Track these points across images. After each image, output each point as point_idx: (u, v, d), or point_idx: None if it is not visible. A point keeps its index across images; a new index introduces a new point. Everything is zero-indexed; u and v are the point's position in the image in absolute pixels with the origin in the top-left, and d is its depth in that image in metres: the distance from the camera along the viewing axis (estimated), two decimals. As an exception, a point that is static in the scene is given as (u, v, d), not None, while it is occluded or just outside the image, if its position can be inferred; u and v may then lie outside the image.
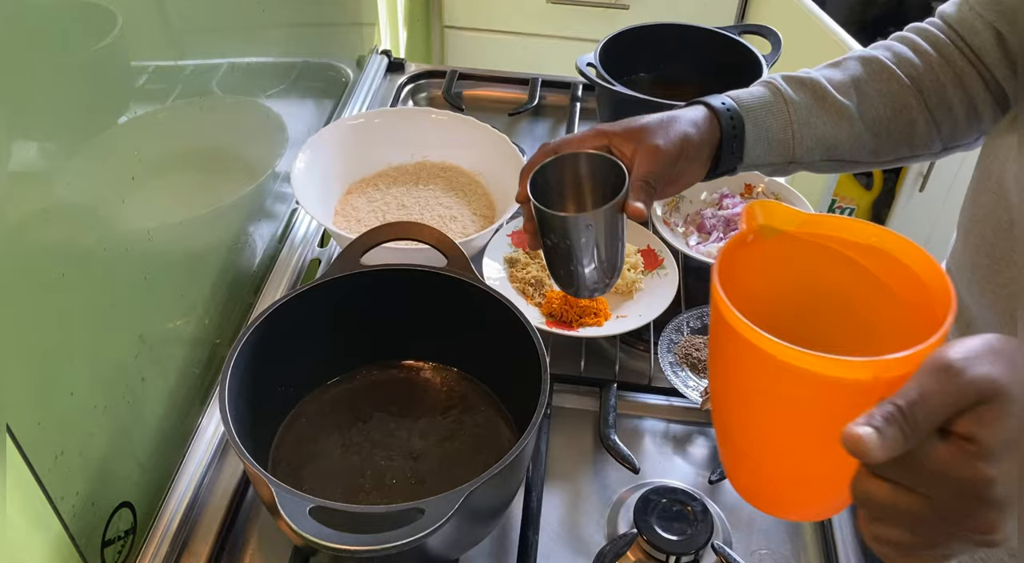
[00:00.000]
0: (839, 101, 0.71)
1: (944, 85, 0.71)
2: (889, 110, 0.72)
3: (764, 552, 0.74)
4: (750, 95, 0.71)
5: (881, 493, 0.39)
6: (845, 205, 2.23)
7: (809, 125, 0.70)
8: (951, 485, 0.37)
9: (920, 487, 0.38)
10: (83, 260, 0.60)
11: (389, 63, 1.37)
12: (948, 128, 0.73)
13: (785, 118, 0.70)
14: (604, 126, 0.67)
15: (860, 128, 0.71)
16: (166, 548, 0.70)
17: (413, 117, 1.10)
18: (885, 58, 0.73)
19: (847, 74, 0.72)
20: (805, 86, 0.71)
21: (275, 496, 0.56)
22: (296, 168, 0.96)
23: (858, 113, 0.71)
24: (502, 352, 0.74)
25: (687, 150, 0.66)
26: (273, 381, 0.74)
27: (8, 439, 0.52)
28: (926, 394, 0.37)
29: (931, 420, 0.37)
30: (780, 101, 0.70)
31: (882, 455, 0.37)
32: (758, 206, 0.52)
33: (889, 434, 0.37)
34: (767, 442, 0.49)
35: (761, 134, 0.70)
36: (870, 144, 0.72)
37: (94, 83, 0.61)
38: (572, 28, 1.90)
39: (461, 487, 0.57)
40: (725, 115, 0.68)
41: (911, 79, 0.72)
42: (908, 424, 0.37)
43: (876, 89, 0.72)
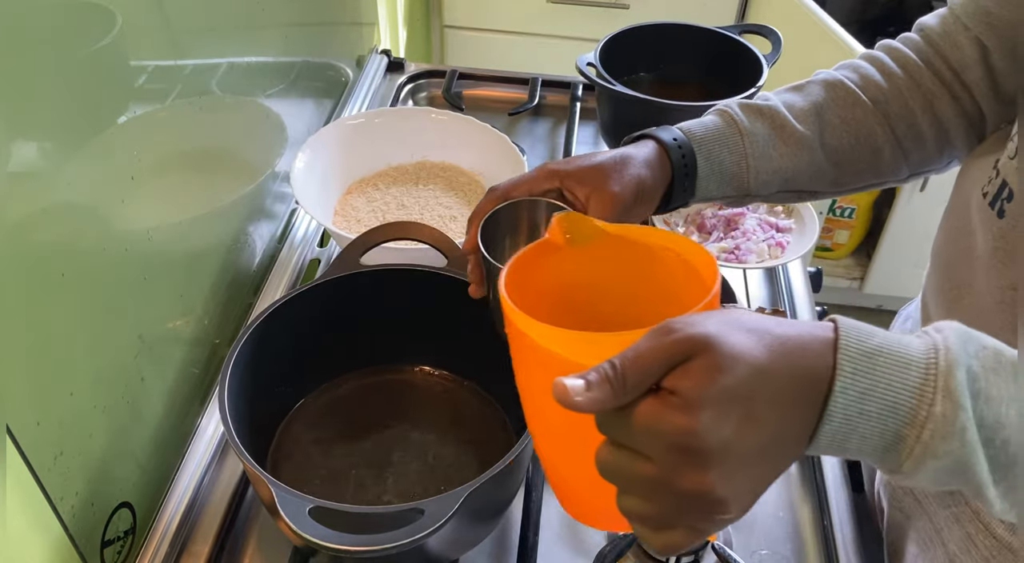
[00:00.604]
0: (798, 131, 0.67)
1: (913, 110, 0.68)
2: (852, 139, 0.68)
3: (764, 553, 0.74)
4: (703, 127, 0.67)
5: (610, 459, 0.39)
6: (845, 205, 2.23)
7: (766, 157, 0.67)
8: (659, 440, 0.37)
9: (638, 447, 0.38)
10: (83, 260, 0.60)
11: (389, 63, 1.37)
12: (917, 155, 0.70)
13: (740, 151, 0.66)
14: (555, 166, 0.64)
15: (820, 158, 0.68)
16: (165, 548, 0.70)
17: (413, 117, 1.10)
18: (850, 82, 0.69)
19: (809, 100, 0.68)
20: (763, 115, 0.67)
21: (275, 496, 0.56)
22: (296, 168, 0.96)
23: (819, 142, 0.68)
24: (502, 352, 0.73)
25: (642, 195, 0.63)
26: (273, 381, 0.74)
27: (8, 439, 0.52)
28: (640, 352, 0.38)
29: (640, 376, 0.37)
30: (735, 132, 0.67)
31: (584, 405, 0.37)
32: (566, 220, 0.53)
33: (596, 386, 0.37)
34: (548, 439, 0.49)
35: (714, 168, 0.66)
36: (831, 174, 0.69)
37: (93, 83, 0.61)
38: (572, 28, 1.90)
39: (461, 487, 0.57)
40: (676, 152, 0.65)
41: (877, 104, 0.68)
42: (617, 379, 0.37)
43: (839, 116, 0.68)
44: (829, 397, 0.38)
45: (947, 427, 0.37)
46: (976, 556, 0.62)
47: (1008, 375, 0.39)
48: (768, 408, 0.38)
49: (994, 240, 0.57)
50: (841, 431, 0.38)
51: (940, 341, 0.39)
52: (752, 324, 0.39)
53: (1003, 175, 0.57)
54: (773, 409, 0.38)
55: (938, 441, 0.37)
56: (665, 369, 0.37)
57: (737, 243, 0.98)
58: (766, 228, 1.01)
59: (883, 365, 0.38)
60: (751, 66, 1.10)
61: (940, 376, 0.38)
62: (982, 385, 0.38)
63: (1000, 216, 0.57)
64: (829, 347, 0.38)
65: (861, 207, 2.23)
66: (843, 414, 0.38)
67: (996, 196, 0.57)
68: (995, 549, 0.60)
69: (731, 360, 0.37)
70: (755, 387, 0.37)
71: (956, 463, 0.38)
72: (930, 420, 0.37)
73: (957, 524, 0.63)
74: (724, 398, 0.37)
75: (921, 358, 0.38)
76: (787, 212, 1.04)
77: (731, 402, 0.37)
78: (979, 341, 0.40)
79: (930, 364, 0.38)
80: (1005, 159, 0.57)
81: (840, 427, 0.38)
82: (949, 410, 0.37)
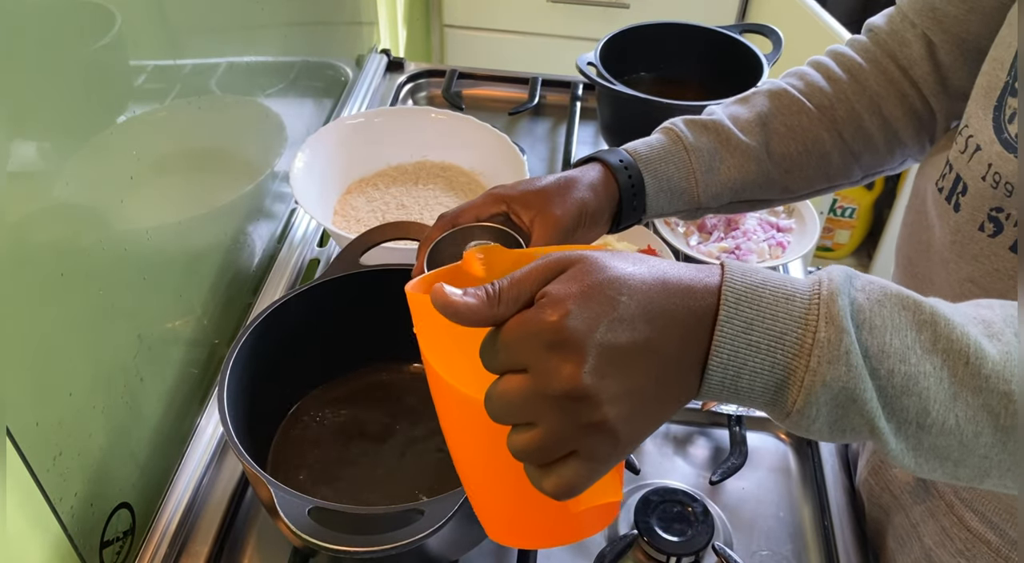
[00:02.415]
0: (744, 142, 0.67)
1: (860, 113, 0.69)
2: (800, 146, 0.69)
3: (765, 553, 0.74)
4: (648, 147, 0.67)
5: (492, 391, 0.39)
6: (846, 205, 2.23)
7: (713, 171, 0.67)
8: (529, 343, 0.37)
9: (512, 362, 0.38)
10: (82, 260, 0.60)
11: (389, 62, 1.37)
12: (868, 157, 0.71)
13: (687, 167, 0.67)
14: (501, 190, 0.65)
15: (768, 167, 0.69)
16: (165, 549, 0.70)
17: (413, 117, 1.10)
18: (795, 90, 0.70)
19: (753, 111, 0.69)
20: (708, 130, 0.68)
21: (274, 497, 0.56)
22: (295, 168, 0.95)
23: (766, 152, 0.68)
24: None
25: (584, 218, 0.64)
26: (272, 381, 0.74)
27: (7, 440, 0.52)
28: (521, 274, 0.39)
29: (516, 291, 0.39)
30: (680, 149, 0.67)
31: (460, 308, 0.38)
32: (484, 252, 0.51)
33: (472, 296, 0.38)
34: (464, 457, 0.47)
35: (662, 185, 0.67)
36: (781, 181, 0.70)
37: (93, 82, 0.61)
38: (572, 27, 1.90)
39: (461, 488, 0.57)
40: (623, 173, 0.66)
41: (823, 110, 0.69)
42: (495, 292, 0.38)
43: (785, 124, 0.68)
44: (714, 329, 0.38)
45: (832, 351, 0.37)
46: (951, 549, 0.62)
47: (894, 307, 0.39)
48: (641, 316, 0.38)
49: (951, 234, 0.58)
50: (732, 365, 0.38)
51: (824, 276, 0.40)
52: (643, 259, 0.40)
53: (956, 169, 0.58)
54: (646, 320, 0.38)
55: (825, 366, 0.37)
56: (540, 285, 0.39)
57: (738, 243, 0.98)
58: (767, 228, 1.01)
59: (768, 297, 0.39)
60: (751, 66, 1.10)
61: (823, 304, 0.38)
62: (866, 315, 0.38)
63: (956, 210, 0.58)
64: (715, 284, 0.39)
65: (862, 207, 2.23)
66: (730, 345, 0.38)
67: (952, 190, 0.58)
68: (969, 542, 0.61)
69: (602, 268, 0.38)
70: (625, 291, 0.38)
71: (845, 392, 0.38)
72: (816, 347, 0.37)
73: (932, 518, 0.64)
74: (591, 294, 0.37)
75: (804, 290, 0.39)
76: (788, 212, 1.04)
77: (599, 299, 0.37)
78: (866, 277, 0.40)
79: (813, 294, 0.39)
80: (956, 153, 0.58)
81: (729, 360, 0.38)
82: (833, 335, 0.37)
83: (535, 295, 0.39)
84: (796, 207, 1.03)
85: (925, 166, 0.66)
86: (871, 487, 0.73)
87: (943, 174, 0.60)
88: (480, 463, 0.46)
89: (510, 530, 0.48)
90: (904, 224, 0.68)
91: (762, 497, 0.79)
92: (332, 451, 0.75)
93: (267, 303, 0.72)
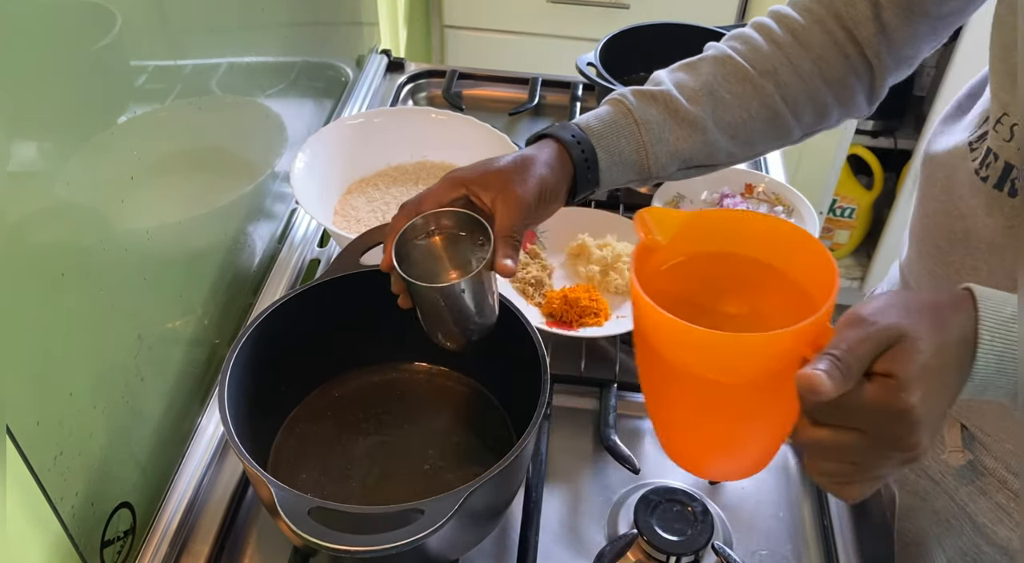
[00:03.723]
0: (691, 112, 0.68)
1: (802, 75, 0.69)
2: (745, 113, 0.69)
3: (764, 553, 0.74)
4: (599, 121, 0.68)
5: (823, 436, 0.46)
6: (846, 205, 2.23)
7: (662, 142, 0.68)
8: (881, 417, 0.45)
9: (857, 424, 0.45)
10: (83, 260, 0.60)
11: (389, 63, 1.37)
12: (809, 117, 0.72)
13: (637, 140, 0.68)
14: (459, 173, 0.66)
15: (716, 135, 0.69)
16: (165, 548, 0.70)
17: (413, 117, 1.10)
18: (738, 55, 0.70)
19: (700, 80, 0.69)
20: (656, 101, 0.68)
21: (274, 497, 0.56)
22: (295, 168, 0.95)
23: (713, 121, 0.69)
24: (502, 352, 0.73)
25: (545, 194, 0.65)
26: (273, 381, 0.74)
27: (8, 440, 0.52)
28: (852, 343, 0.45)
29: (861, 363, 0.44)
30: (631, 122, 0.68)
31: (832, 391, 0.43)
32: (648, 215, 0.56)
33: (834, 375, 0.43)
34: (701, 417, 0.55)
35: (615, 159, 0.68)
36: (727, 147, 0.71)
37: (93, 83, 0.61)
38: (572, 28, 1.90)
39: (461, 488, 0.57)
40: (576, 148, 0.67)
41: (766, 75, 0.69)
42: (844, 367, 0.44)
43: (731, 92, 0.69)
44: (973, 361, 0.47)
45: None
46: (1010, 523, 0.64)
47: None
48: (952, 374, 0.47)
49: (1006, 219, 0.60)
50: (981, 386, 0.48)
51: None
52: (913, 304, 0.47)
53: (1004, 157, 0.59)
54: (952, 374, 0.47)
55: None
56: (873, 356, 0.45)
57: (737, 243, 0.98)
58: (766, 228, 1.01)
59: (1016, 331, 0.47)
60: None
61: None
62: None
63: (1012, 195, 0.59)
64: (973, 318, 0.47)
65: (861, 207, 2.23)
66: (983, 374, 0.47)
67: (1002, 178, 0.59)
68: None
69: (924, 343, 0.45)
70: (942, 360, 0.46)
71: None
72: None
73: (983, 496, 0.65)
74: (928, 374, 0.45)
75: None
76: (788, 212, 1.04)
77: (932, 376, 0.45)
78: None
79: None
80: (1000, 142, 0.59)
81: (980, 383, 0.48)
82: None
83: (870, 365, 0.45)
84: (796, 207, 1.03)
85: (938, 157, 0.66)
86: (905, 476, 0.74)
87: (985, 163, 0.60)
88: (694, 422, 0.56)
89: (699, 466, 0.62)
90: (925, 215, 0.69)
91: (762, 497, 0.79)
92: (332, 450, 0.75)
93: (267, 303, 0.73)
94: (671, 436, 0.60)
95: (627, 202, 1.09)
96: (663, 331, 0.50)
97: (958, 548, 0.69)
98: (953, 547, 0.69)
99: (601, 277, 0.94)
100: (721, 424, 0.54)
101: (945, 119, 0.70)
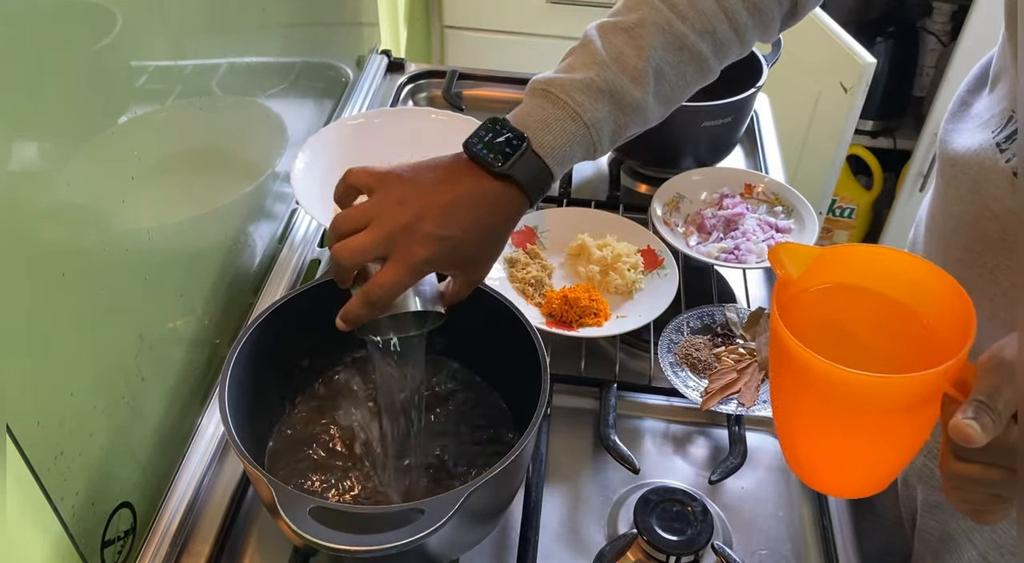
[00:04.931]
0: (635, 98, 0.65)
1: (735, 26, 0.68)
2: (681, 80, 0.68)
3: (764, 552, 0.74)
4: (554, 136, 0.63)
5: (972, 472, 0.48)
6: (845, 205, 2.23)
7: (608, 133, 0.66)
8: None
9: (1003, 462, 0.47)
10: (83, 260, 0.60)
11: (389, 63, 1.37)
12: (733, 53, 0.71)
13: (588, 142, 0.65)
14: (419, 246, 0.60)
15: (654, 109, 0.68)
16: (166, 548, 0.70)
17: (413, 117, 1.10)
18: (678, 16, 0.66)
19: (643, 55, 0.65)
20: (603, 95, 0.64)
21: (275, 496, 0.56)
22: (296, 168, 0.96)
23: (653, 98, 0.67)
24: (502, 352, 0.73)
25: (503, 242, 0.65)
26: (273, 381, 0.74)
27: (8, 439, 0.52)
28: (1000, 389, 0.46)
29: (1009, 408, 0.46)
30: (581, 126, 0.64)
31: (985, 440, 0.45)
32: (782, 252, 0.56)
33: (986, 423, 0.45)
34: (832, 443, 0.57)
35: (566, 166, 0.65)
36: (659, 114, 0.69)
37: (94, 83, 0.61)
38: (572, 28, 1.89)
39: (461, 487, 0.57)
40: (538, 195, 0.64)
41: (703, 35, 0.67)
42: (995, 413, 0.45)
43: (670, 62, 0.67)
44: None
45: None
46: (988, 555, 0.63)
47: None
48: None
49: None
50: None
51: None
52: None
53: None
54: None
55: None
56: (1020, 400, 0.46)
57: (737, 243, 0.98)
58: (766, 228, 1.01)
59: None
60: (751, 66, 1.10)
61: None
62: None
63: None
64: None
65: (861, 207, 2.23)
66: None
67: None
68: None
69: None
70: None
71: None
72: None
73: None
74: None
75: None
76: (787, 212, 1.04)
77: None
78: None
79: None
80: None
81: None
82: None
83: None
84: (795, 207, 1.03)
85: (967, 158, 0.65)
86: (931, 471, 0.74)
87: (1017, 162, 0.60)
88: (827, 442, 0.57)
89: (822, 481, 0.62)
90: (950, 217, 0.69)
91: (761, 496, 0.79)
92: (333, 450, 0.75)
93: (268, 303, 0.73)
94: (800, 453, 0.61)
95: (627, 202, 1.09)
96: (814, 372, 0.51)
97: (992, 541, 0.69)
98: (986, 541, 0.69)
99: (601, 277, 0.94)
100: (854, 446, 0.56)
101: (952, 117, 0.70)
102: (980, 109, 0.66)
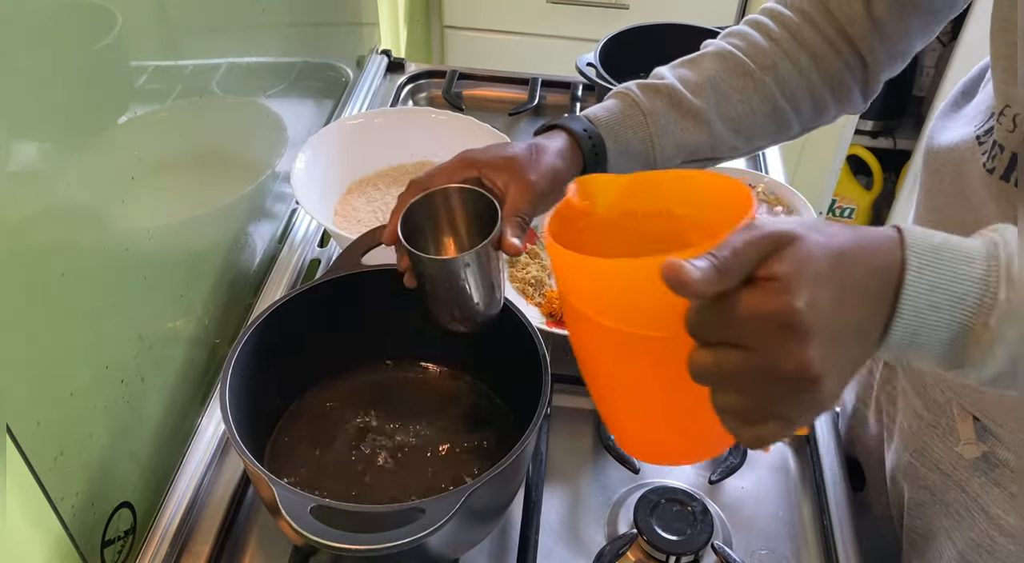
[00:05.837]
0: (695, 105, 0.69)
1: (801, 70, 0.70)
2: (747, 106, 0.71)
3: (764, 552, 0.74)
4: (607, 112, 0.70)
5: (706, 358, 0.41)
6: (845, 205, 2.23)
7: (668, 134, 0.69)
8: (764, 324, 0.39)
9: (737, 339, 0.40)
10: (83, 260, 0.60)
11: (389, 63, 1.37)
12: (808, 112, 0.73)
13: (644, 131, 0.69)
14: (473, 154, 0.66)
15: (719, 128, 0.70)
16: (166, 548, 0.70)
17: (413, 117, 1.10)
18: (739, 51, 0.71)
19: (702, 74, 0.71)
20: (660, 93, 0.70)
21: (276, 495, 0.56)
22: (296, 168, 0.96)
23: (716, 114, 0.70)
24: (502, 352, 0.74)
25: (556, 183, 0.65)
26: (273, 381, 0.74)
27: (8, 439, 0.52)
28: (735, 244, 0.40)
29: (740, 262, 0.40)
30: (638, 113, 0.69)
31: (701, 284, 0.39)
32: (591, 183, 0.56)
33: (706, 270, 0.39)
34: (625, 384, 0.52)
35: (622, 149, 0.69)
36: (730, 141, 0.72)
37: (94, 83, 0.61)
38: (572, 28, 1.91)
39: (461, 487, 0.57)
40: (586, 140, 0.68)
41: (766, 70, 0.70)
42: (721, 263, 0.39)
43: (732, 86, 0.70)
44: (900, 290, 0.42)
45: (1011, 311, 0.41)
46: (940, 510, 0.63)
47: None
48: (854, 292, 0.41)
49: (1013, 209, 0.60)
50: (912, 324, 0.42)
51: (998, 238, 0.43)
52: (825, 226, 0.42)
53: (1010, 148, 0.59)
54: (857, 294, 0.41)
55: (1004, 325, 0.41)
56: (757, 259, 0.40)
57: (737, 243, 0.98)
58: (766, 228, 1.01)
59: (948, 259, 0.42)
60: (751, 66, 1.10)
61: (1002, 267, 0.41)
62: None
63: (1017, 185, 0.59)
64: (896, 244, 0.42)
65: (861, 207, 2.23)
66: (913, 307, 0.42)
67: (1008, 168, 0.60)
68: None
69: (818, 248, 0.40)
70: (842, 272, 0.41)
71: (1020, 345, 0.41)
72: (996, 307, 0.41)
73: (997, 487, 0.66)
74: (819, 280, 0.40)
75: (983, 251, 0.42)
76: (787, 212, 1.04)
77: (824, 284, 0.40)
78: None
79: (991, 256, 0.42)
80: (1004, 133, 0.59)
81: (911, 320, 0.42)
82: (1013, 296, 0.41)
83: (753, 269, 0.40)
84: (795, 207, 1.03)
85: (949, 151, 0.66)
86: (916, 469, 0.74)
87: (992, 155, 0.61)
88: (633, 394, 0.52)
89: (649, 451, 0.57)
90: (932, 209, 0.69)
91: (761, 496, 0.79)
92: (333, 450, 0.75)
93: (268, 303, 0.73)
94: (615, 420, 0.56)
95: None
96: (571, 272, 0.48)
97: (970, 540, 0.69)
98: (964, 539, 0.69)
99: (601, 277, 0.94)
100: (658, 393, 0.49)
101: (942, 115, 0.71)
102: (969, 109, 0.67)
